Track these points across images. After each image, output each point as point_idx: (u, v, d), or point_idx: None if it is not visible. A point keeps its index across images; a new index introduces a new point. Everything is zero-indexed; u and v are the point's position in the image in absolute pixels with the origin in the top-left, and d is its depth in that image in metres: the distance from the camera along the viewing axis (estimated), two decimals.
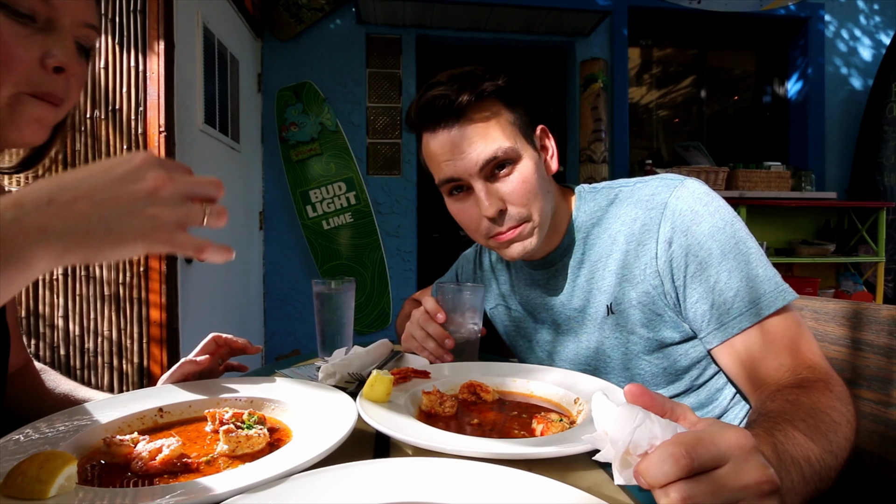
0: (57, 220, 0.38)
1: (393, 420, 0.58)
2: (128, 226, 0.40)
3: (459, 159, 0.77)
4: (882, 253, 3.17)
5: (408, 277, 3.34)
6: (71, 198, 0.39)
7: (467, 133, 0.76)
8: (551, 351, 0.93)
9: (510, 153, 0.77)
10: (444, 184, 0.81)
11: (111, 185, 0.40)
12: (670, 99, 3.95)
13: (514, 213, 0.78)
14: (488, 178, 0.78)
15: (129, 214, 0.40)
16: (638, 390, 0.40)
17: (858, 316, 0.81)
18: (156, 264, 1.74)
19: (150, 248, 0.42)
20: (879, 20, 3.71)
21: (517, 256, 0.82)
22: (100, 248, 0.40)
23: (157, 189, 0.41)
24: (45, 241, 0.37)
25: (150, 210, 0.41)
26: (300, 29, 3.17)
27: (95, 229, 0.39)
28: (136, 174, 0.41)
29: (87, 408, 0.62)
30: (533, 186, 0.78)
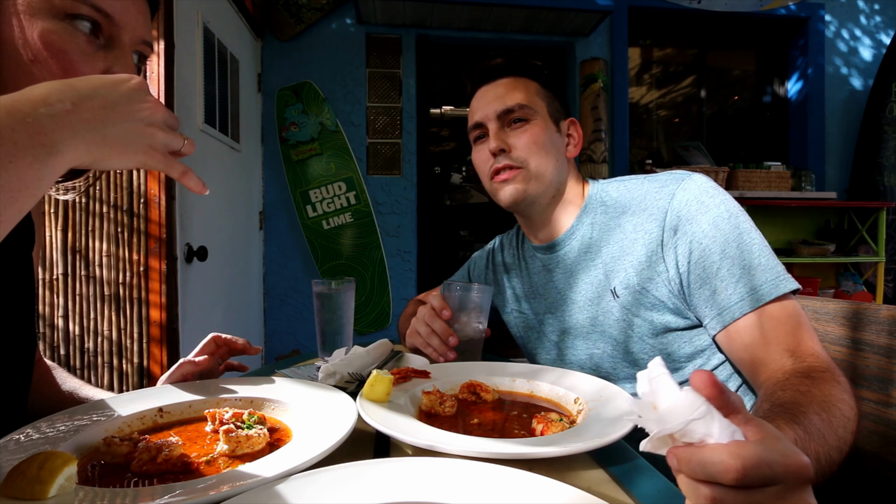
0: (82, 122, 0.43)
1: (393, 420, 0.58)
2: (134, 138, 0.46)
3: (488, 106, 0.92)
4: (882, 253, 3.17)
5: (408, 277, 3.34)
6: (90, 105, 0.44)
7: (499, 89, 0.93)
8: (560, 340, 0.94)
9: (526, 110, 0.90)
10: (472, 130, 0.96)
11: (121, 101, 0.46)
12: (670, 99, 3.95)
13: (512, 155, 0.90)
14: (504, 126, 0.92)
15: (134, 128, 0.46)
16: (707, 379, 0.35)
17: (858, 316, 0.81)
18: (156, 264, 1.74)
19: (147, 162, 0.48)
20: (879, 20, 3.71)
21: (508, 199, 0.91)
22: (110, 155, 0.45)
23: (154, 111, 0.48)
24: (75, 139, 0.42)
25: (149, 129, 0.47)
26: (300, 29, 3.17)
27: (111, 136, 0.45)
28: (137, 95, 0.47)
29: (88, 408, 0.62)
30: (538, 143, 0.90)
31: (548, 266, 0.96)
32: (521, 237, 1.05)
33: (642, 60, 3.85)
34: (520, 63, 0.94)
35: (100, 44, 0.56)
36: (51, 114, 0.41)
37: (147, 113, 0.47)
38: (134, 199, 1.73)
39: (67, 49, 0.53)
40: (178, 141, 0.50)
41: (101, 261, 1.71)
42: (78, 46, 0.54)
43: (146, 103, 0.47)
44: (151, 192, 1.73)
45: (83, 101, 0.43)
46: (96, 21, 0.55)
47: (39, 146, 0.40)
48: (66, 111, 0.42)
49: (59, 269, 1.68)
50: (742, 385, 0.83)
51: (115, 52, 0.57)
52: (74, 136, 0.42)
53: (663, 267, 0.80)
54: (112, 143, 0.45)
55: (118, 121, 0.45)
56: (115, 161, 0.46)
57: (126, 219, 1.72)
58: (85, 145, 0.43)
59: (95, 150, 0.44)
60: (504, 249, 1.09)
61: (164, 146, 0.49)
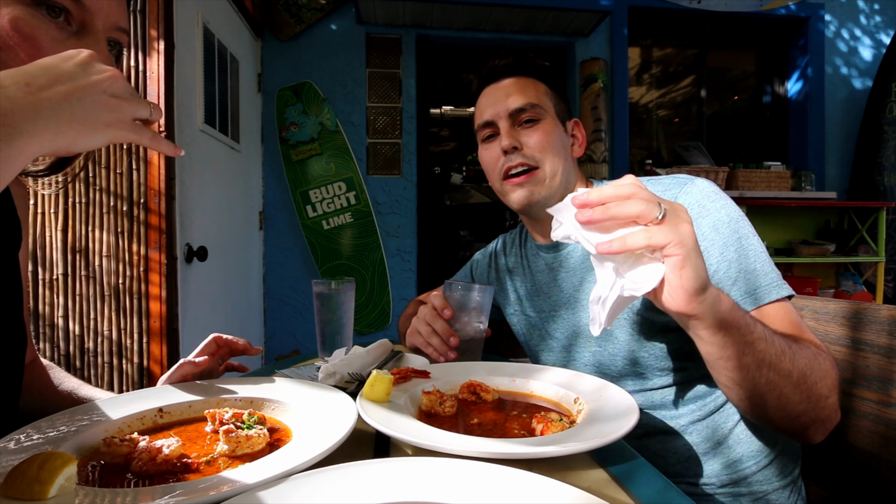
0: (42, 100, 0.41)
1: (393, 420, 0.58)
2: (100, 111, 0.44)
3: (498, 105, 0.92)
4: (882, 253, 3.17)
5: (408, 277, 3.34)
6: (46, 83, 0.42)
7: (510, 87, 0.93)
8: (563, 339, 0.94)
9: (538, 110, 0.91)
10: (481, 129, 0.96)
11: (76, 73, 0.44)
12: (670, 99, 3.95)
13: (526, 153, 0.90)
14: (514, 125, 0.92)
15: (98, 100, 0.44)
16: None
17: (858, 316, 0.81)
18: (156, 264, 1.74)
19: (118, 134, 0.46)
20: (879, 20, 3.71)
21: (521, 202, 0.91)
22: (82, 132, 0.43)
23: (114, 80, 0.46)
24: (40, 119, 0.40)
25: (112, 100, 0.45)
26: (300, 29, 3.17)
27: (78, 112, 0.43)
28: (91, 65, 0.45)
29: (88, 408, 0.62)
30: (550, 141, 0.90)
31: (552, 266, 0.96)
32: (525, 237, 1.05)
33: (642, 60, 3.85)
34: (529, 63, 0.94)
35: (71, 30, 0.55)
36: (6, 96, 0.39)
37: (108, 83, 0.45)
38: (134, 198, 1.73)
39: (37, 36, 0.52)
40: (144, 109, 0.48)
41: (102, 260, 1.71)
42: (48, 33, 0.53)
43: (103, 73, 0.45)
44: (151, 192, 1.73)
45: (36, 79, 0.42)
46: (66, 7, 0.54)
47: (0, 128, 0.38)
48: (22, 91, 0.40)
49: (59, 269, 1.68)
50: None
51: (86, 38, 0.56)
52: (38, 115, 0.40)
53: None
54: (82, 120, 0.43)
55: (81, 94, 0.43)
56: (87, 139, 0.44)
57: (126, 218, 1.72)
58: (54, 124, 0.41)
59: (66, 128, 0.42)
60: (507, 249, 1.09)
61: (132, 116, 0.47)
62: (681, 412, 0.84)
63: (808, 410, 0.63)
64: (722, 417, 0.83)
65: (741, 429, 0.82)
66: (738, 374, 0.60)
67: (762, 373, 0.60)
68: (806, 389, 0.62)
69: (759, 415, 0.65)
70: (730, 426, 0.82)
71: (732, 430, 0.82)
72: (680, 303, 0.54)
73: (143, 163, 1.73)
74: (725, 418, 0.82)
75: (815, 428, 0.65)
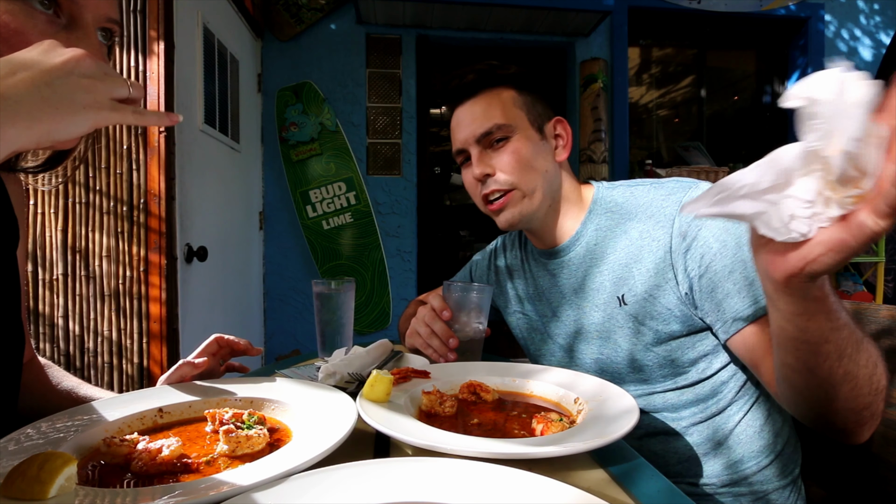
0: (9, 88, 0.39)
1: (393, 420, 0.58)
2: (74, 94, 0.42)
3: (465, 130, 0.90)
4: (882, 253, 3.17)
5: (408, 277, 3.34)
6: (9, 71, 0.40)
7: (475, 110, 0.90)
8: (564, 344, 0.94)
9: (504, 129, 0.88)
10: (457, 155, 0.94)
11: (39, 58, 0.42)
12: (670, 99, 3.95)
13: (499, 179, 0.88)
14: (486, 148, 0.89)
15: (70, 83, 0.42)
16: None
17: (858, 316, 0.81)
18: (156, 264, 1.74)
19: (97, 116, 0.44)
20: (879, 20, 3.70)
21: (506, 225, 0.90)
22: (59, 117, 0.41)
23: (81, 59, 0.44)
24: (11, 110, 0.39)
25: (84, 81, 0.43)
26: (300, 29, 3.17)
27: (49, 97, 0.41)
28: (52, 49, 0.43)
29: (88, 408, 0.62)
30: (522, 160, 0.87)
31: (553, 271, 0.95)
32: (524, 239, 1.05)
33: (642, 60, 3.85)
34: (490, 75, 0.90)
35: (61, 24, 0.54)
36: None
37: (73, 63, 0.43)
38: (134, 198, 1.73)
39: (26, 30, 0.51)
40: (121, 87, 0.46)
41: (101, 260, 1.71)
42: (37, 27, 0.52)
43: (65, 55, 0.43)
44: (151, 192, 1.73)
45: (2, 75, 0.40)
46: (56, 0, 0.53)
47: None
48: None
49: (59, 269, 1.68)
50: (741, 388, 0.83)
51: (77, 32, 0.55)
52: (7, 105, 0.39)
53: (672, 274, 0.79)
54: (55, 105, 0.41)
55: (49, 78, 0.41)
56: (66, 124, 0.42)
57: (126, 218, 1.72)
58: (26, 112, 0.40)
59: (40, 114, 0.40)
60: (507, 251, 1.09)
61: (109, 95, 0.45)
62: (682, 414, 0.84)
63: (871, 403, 0.57)
64: (723, 418, 0.82)
65: (742, 429, 0.82)
66: (817, 361, 0.53)
67: (842, 364, 0.54)
68: (876, 381, 0.57)
69: (825, 406, 0.58)
70: (731, 426, 0.82)
71: (733, 431, 0.82)
72: (821, 266, 0.42)
73: (143, 163, 1.73)
74: (727, 419, 0.82)
75: (871, 423, 0.60)
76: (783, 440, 0.84)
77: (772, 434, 0.82)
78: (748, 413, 0.83)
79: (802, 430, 0.90)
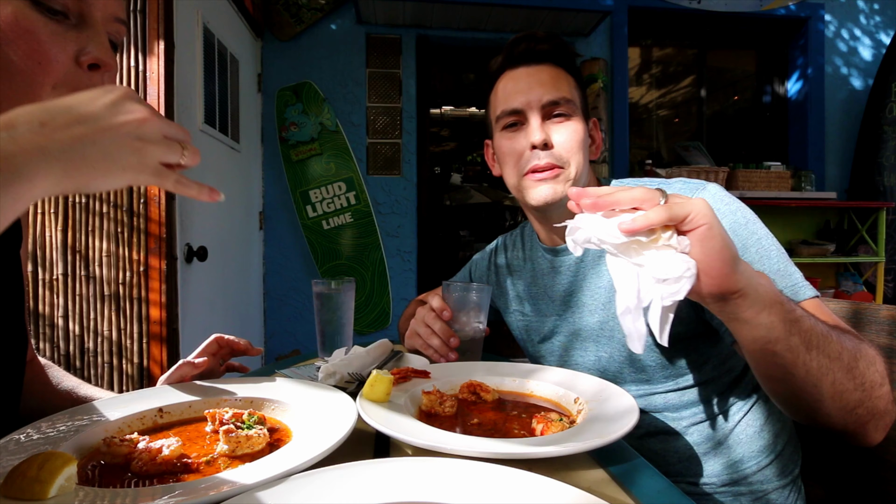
0: (53, 141, 0.39)
1: (393, 420, 0.58)
2: (119, 154, 0.42)
3: (529, 93, 0.86)
4: (882, 253, 3.17)
5: (408, 277, 3.34)
6: (63, 122, 0.40)
7: (542, 76, 0.86)
8: (565, 343, 0.93)
9: (570, 106, 0.86)
10: (506, 116, 0.88)
11: (102, 114, 0.41)
12: (670, 99, 3.95)
13: (556, 153, 0.85)
14: (545, 118, 0.86)
15: (119, 143, 0.42)
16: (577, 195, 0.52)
17: (858, 316, 0.81)
18: (156, 264, 1.74)
19: (137, 178, 0.44)
20: (879, 20, 3.70)
21: (542, 200, 0.86)
22: (94, 175, 0.41)
23: (144, 122, 0.43)
24: (45, 161, 0.38)
25: (137, 142, 0.43)
26: (300, 29, 3.17)
27: (90, 154, 0.40)
28: (122, 105, 0.43)
29: (88, 408, 0.62)
30: (579, 142, 0.86)
31: (557, 267, 0.94)
32: (529, 237, 1.04)
33: (642, 60, 3.85)
34: (566, 53, 0.88)
35: (70, 23, 0.54)
36: (13, 137, 0.37)
37: (134, 126, 0.42)
38: (134, 198, 1.73)
39: (35, 29, 0.51)
40: (174, 153, 0.46)
41: (101, 261, 1.71)
42: (47, 26, 0.52)
43: (133, 114, 0.43)
44: (151, 191, 1.73)
45: (54, 119, 0.39)
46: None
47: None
48: (33, 132, 0.38)
49: (59, 269, 1.68)
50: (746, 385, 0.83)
51: (87, 31, 0.55)
52: (45, 158, 0.38)
53: None
54: (94, 163, 0.40)
55: (99, 137, 0.41)
56: (100, 182, 0.41)
57: (126, 218, 1.72)
58: (61, 167, 0.39)
59: (75, 172, 0.40)
60: (508, 250, 1.08)
61: (157, 160, 0.45)
62: (682, 414, 0.84)
63: (863, 400, 0.58)
64: (724, 418, 0.82)
65: (742, 429, 0.82)
66: (788, 357, 0.56)
67: (812, 355, 0.56)
68: (859, 375, 0.58)
69: (815, 408, 0.60)
70: (731, 426, 0.82)
71: (733, 431, 0.82)
72: (719, 278, 0.50)
73: None
74: (727, 419, 0.82)
75: (874, 424, 0.60)
76: (783, 440, 0.84)
77: (772, 434, 0.82)
78: (748, 413, 0.83)
79: (802, 431, 0.90)
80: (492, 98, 0.93)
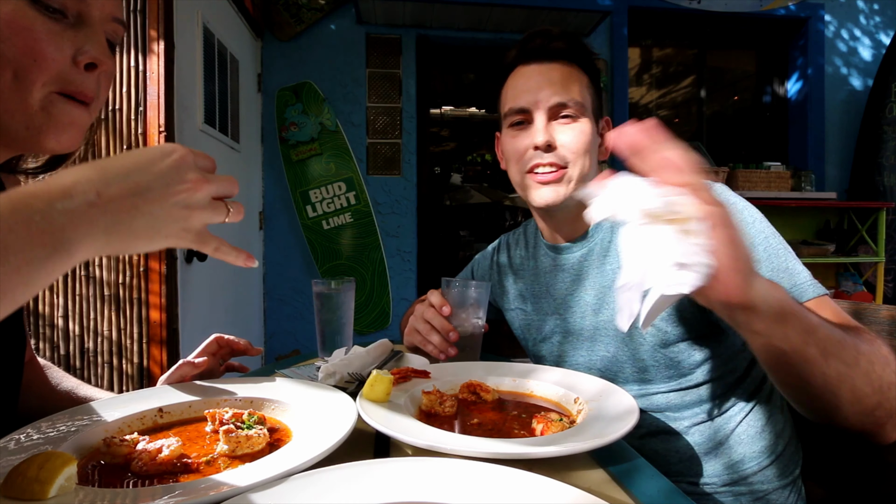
0: (106, 214, 0.39)
1: (393, 420, 0.58)
2: (165, 223, 0.42)
3: (537, 92, 0.85)
4: (882, 253, 3.17)
5: (408, 277, 3.34)
6: (118, 193, 0.39)
7: (553, 75, 0.85)
8: (565, 342, 0.93)
9: (578, 108, 0.85)
10: (512, 114, 0.88)
11: (155, 184, 0.41)
12: (670, 99, 3.95)
13: (559, 153, 0.84)
14: (551, 118, 0.85)
15: (167, 213, 0.42)
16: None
17: (858, 316, 0.81)
18: (156, 265, 1.74)
19: (178, 243, 0.44)
20: (879, 20, 3.71)
21: (545, 202, 0.86)
22: (136, 243, 0.41)
23: (195, 191, 0.43)
24: (92, 234, 0.38)
25: (184, 211, 0.43)
26: (300, 29, 3.17)
27: (138, 226, 0.40)
28: (177, 174, 0.43)
29: (88, 408, 0.62)
30: (584, 144, 0.85)
31: (560, 266, 0.94)
32: (533, 235, 1.03)
33: (642, 60, 3.85)
34: (581, 51, 0.87)
35: (68, 22, 0.54)
36: (68, 209, 0.37)
37: (185, 195, 0.42)
38: None
39: (33, 27, 0.51)
40: (220, 215, 0.45)
41: (101, 261, 1.71)
42: (45, 25, 0.52)
43: (185, 183, 0.42)
44: None
45: (110, 188, 0.39)
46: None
47: (40, 246, 0.35)
48: (89, 204, 0.38)
49: None
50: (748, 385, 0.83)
51: (85, 30, 0.55)
52: (92, 229, 0.38)
53: None
54: (139, 233, 0.40)
55: (149, 208, 0.40)
56: (141, 247, 0.42)
57: None
58: (105, 238, 0.39)
59: (117, 241, 0.40)
60: (510, 249, 1.08)
61: (202, 224, 0.44)
62: (683, 414, 0.83)
63: (882, 402, 0.57)
64: (725, 419, 0.82)
65: (743, 430, 0.82)
66: (805, 367, 0.55)
67: (830, 364, 0.55)
68: (876, 379, 0.57)
69: (833, 412, 0.59)
70: (732, 427, 0.82)
71: (734, 431, 0.82)
72: (735, 289, 0.48)
73: None
74: (728, 419, 0.82)
75: (893, 423, 0.59)
76: (784, 441, 0.84)
77: (773, 435, 0.82)
78: (749, 414, 0.82)
79: (803, 431, 0.90)
80: (502, 92, 0.92)
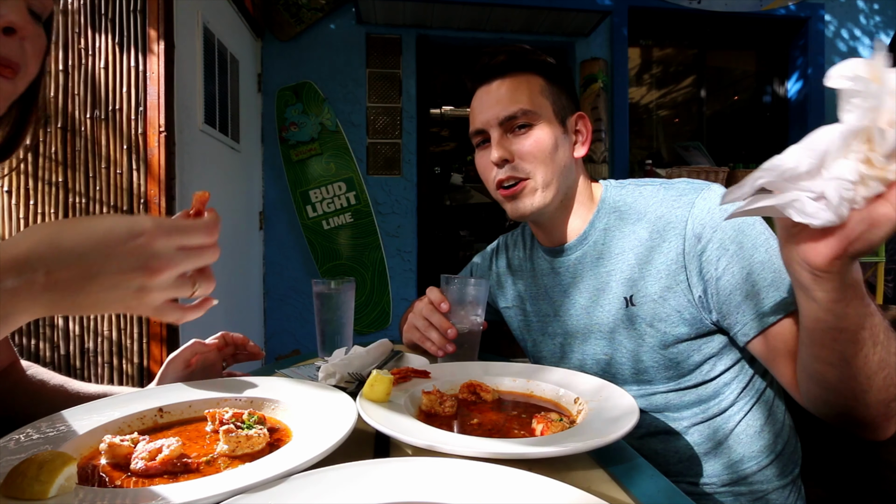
0: (52, 293, 0.39)
1: (393, 420, 0.58)
2: (113, 304, 0.42)
3: (488, 112, 0.87)
4: (882, 253, 3.17)
5: (408, 277, 3.34)
6: (67, 276, 0.39)
7: (501, 91, 0.87)
8: (565, 343, 0.93)
9: (529, 115, 0.85)
10: (474, 136, 0.91)
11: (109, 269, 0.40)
12: (670, 99, 3.95)
13: (517, 166, 0.86)
14: (507, 133, 0.87)
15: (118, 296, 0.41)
16: None
17: None
18: None
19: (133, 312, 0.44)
20: (879, 20, 3.71)
21: (515, 214, 0.88)
22: (80, 313, 0.42)
23: (156, 276, 0.42)
24: (32, 309, 0.39)
25: (139, 293, 0.42)
26: (300, 29, 3.17)
27: (83, 302, 0.40)
28: (136, 260, 0.41)
29: (88, 407, 0.62)
30: (542, 151, 0.85)
31: (557, 269, 0.94)
32: (529, 237, 1.04)
33: (642, 60, 3.85)
34: (523, 59, 0.88)
35: None
36: (13, 287, 0.37)
37: (140, 280, 0.41)
38: (133, 199, 1.73)
39: None
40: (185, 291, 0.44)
41: None
42: None
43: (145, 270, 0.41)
44: (151, 192, 1.73)
45: (60, 270, 0.39)
46: None
47: None
48: (35, 283, 0.38)
49: None
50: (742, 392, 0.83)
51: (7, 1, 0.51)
52: (34, 305, 0.38)
53: (684, 276, 0.78)
54: (83, 308, 0.40)
55: (96, 291, 0.40)
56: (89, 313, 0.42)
57: None
58: (46, 310, 0.39)
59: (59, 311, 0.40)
60: (509, 250, 1.08)
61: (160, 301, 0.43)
62: (683, 414, 0.83)
63: None
64: (724, 418, 0.82)
65: (742, 429, 0.82)
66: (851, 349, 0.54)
67: (877, 350, 0.54)
68: None
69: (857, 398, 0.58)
70: (731, 427, 0.82)
71: (734, 431, 0.82)
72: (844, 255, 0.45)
73: (143, 162, 1.73)
74: (727, 419, 0.82)
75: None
76: (783, 440, 0.84)
77: (772, 434, 0.82)
78: (749, 413, 0.82)
79: (802, 431, 0.90)
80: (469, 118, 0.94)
